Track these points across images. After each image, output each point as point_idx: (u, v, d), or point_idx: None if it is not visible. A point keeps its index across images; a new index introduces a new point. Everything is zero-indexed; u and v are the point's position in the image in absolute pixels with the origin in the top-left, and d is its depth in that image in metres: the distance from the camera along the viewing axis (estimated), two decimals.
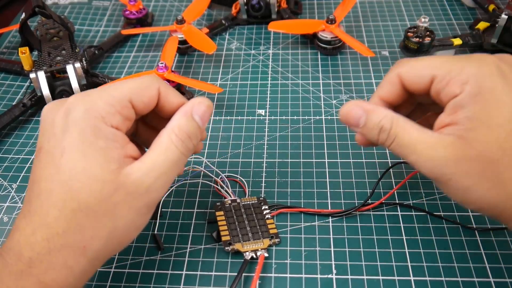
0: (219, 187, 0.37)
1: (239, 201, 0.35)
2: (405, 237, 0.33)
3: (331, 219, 0.34)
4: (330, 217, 0.35)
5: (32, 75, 0.43)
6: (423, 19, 0.46)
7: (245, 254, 0.32)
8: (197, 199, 0.37)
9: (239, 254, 0.32)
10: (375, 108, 0.28)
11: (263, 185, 0.37)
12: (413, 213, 0.34)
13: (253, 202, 0.35)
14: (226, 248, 0.32)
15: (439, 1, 0.58)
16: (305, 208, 0.35)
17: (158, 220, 0.35)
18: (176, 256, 0.33)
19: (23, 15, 0.46)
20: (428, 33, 0.47)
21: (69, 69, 0.44)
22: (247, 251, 0.32)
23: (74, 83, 0.44)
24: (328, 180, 0.37)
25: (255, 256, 0.32)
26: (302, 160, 0.39)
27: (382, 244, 0.33)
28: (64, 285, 0.25)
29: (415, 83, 0.28)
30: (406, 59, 0.29)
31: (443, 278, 0.30)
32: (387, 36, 0.53)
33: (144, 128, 0.32)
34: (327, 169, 0.38)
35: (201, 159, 0.39)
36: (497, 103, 0.25)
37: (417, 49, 0.47)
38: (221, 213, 0.34)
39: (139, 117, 0.29)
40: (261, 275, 0.31)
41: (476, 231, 0.33)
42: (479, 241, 0.32)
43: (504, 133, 0.24)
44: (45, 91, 0.43)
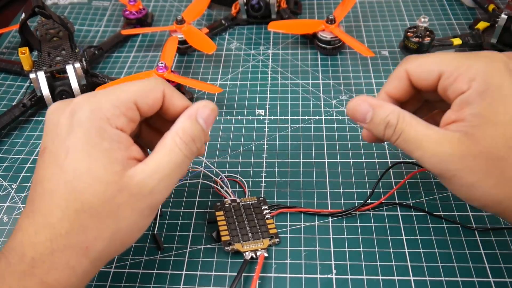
0: (219, 187, 0.37)
1: (239, 201, 0.35)
2: (405, 237, 0.33)
3: (331, 219, 0.35)
4: (330, 217, 0.35)
5: (32, 75, 0.43)
6: (423, 19, 0.46)
7: (245, 254, 0.32)
8: (197, 199, 0.37)
9: (239, 254, 0.32)
10: (382, 103, 0.28)
11: (263, 185, 0.37)
12: (413, 213, 0.34)
13: (253, 202, 0.35)
14: (226, 248, 0.32)
15: (439, 1, 0.58)
16: (305, 208, 0.35)
17: (158, 220, 0.35)
18: (176, 256, 0.33)
19: (23, 15, 0.46)
20: (428, 33, 0.47)
21: (69, 69, 0.44)
22: (247, 251, 0.32)
23: (74, 83, 0.44)
24: (328, 180, 0.37)
25: (255, 256, 0.32)
26: (302, 160, 0.39)
27: (382, 244, 0.33)
28: (66, 285, 0.25)
29: (423, 79, 0.28)
30: (414, 56, 0.29)
31: (443, 278, 0.30)
32: (387, 36, 0.53)
33: (148, 130, 0.32)
34: (327, 169, 0.38)
35: (201, 159, 0.39)
36: (504, 100, 0.25)
37: (417, 49, 0.47)
38: (221, 213, 0.34)
39: (143, 119, 0.29)
40: (261, 275, 0.31)
41: (476, 231, 0.33)
42: (479, 241, 0.32)
43: (510, 131, 0.24)
44: (45, 91, 0.43)
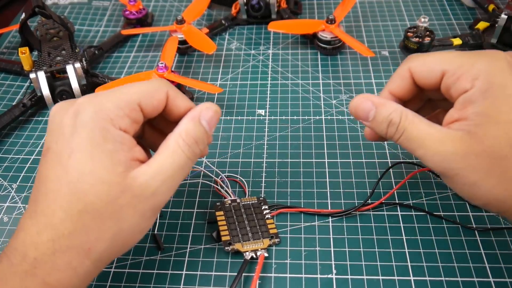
0: (219, 187, 0.37)
1: (239, 201, 0.35)
2: (405, 237, 0.33)
3: (331, 219, 0.35)
4: (330, 217, 0.35)
5: (32, 75, 0.43)
6: (423, 19, 0.46)
7: (245, 254, 0.32)
8: (197, 199, 0.37)
9: (239, 254, 0.32)
10: (385, 102, 0.28)
11: (263, 185, 0.37)
12: (413, 213, 0.34)
13: (253, 202, 0.35)
14: (226, 248, 0.32)
15: (439, 1, 0.58)
16: (305, 208, 0.35)
17: (158, 220, 0.35)
18: (176, 256, 0.33)
19: (23, 15, 0.46)
20: (428, 33, 0.47)
21: (69, 69, 0.44)
22: (247, 251, 0.32)
23: (74, 83, 0.44)
24: (328, 180, 0.37)
25: (255, 256, 0.32)
26: (302, 160, 0.39)
27: (382, 244, 0.33)
28: (68, 286, 0.25)
29: (426, 78, 0.28)
30: (417, 54, 0.29)
31: (443, 278, 0.30)
32: (387, 36, 0.53)
33: (151, 131, 0.32)
34: (327, 169, 0.38)
35: (201, 159, 0.39)
36: (507, 99, 0.25)
37: (417, 49, 0.47)
38: (221, 213, 0.34)
39: (147, 120, 0.29)
40: (261, 275, 0.31)
41: (476, 231, 0.33)
42: (479, 241, 0.32)
43: None
44: (45, 91, 0.43)
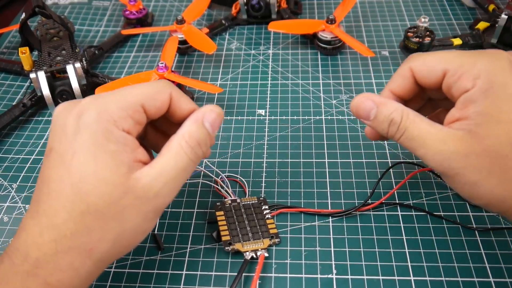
0: (219, 187, 0.37)
1: (239, 201, 0.35)
2: (405, 237, 0.33)
3: (331, 219, 0.34)
4: (330, 217, 0.35)
5: (32, 75, 0.43)
6: (423, 19, 0.46)
7: (245, 254, 0.32)
8: (197, 199, 0.37)
9: (239, 254, 0.32)
10: (386, 101, 0.28)
11: (263, 185, 0.37)
12: (413, 213, 0.34)
13: (253, 202, 0.35)
14: (226, 248, 0.32)
15: (439, 1, 0.58)
16: (305, 208, 0.35)
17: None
18: (176, 256, 0.33)
19: (23, 15, 0.46)
20: (428, 33, 0.47)
21: (69, 69, 0.44)
22: (247, 251, 0.32)
23: (74, 83, 0.44)
24: (328, 180, 0.37)
25: (255, 256, 0.32)
26: (302, 160, 0.39)
27: (382, 244, 0.33)
28: (69, 286, 0.25)
29: (427, 77, 0.28)
30: (418, 53, 0.29)
31: (443, 278, 0.30)
32: (387, 36, 0.53)
33: (153, 132, 0.32)
34: (327, 169, 0.38)
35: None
36: (508, 98, 0.25)
37: (417, 49, 0.47)
38: (221, 213, 0.34)
39: (149, 121, 0.29)
40: (261, 275, 0.31)
41: (476, 231, 0.33)
42: (479, 241, 0.32)
43: None
44: (45, 91, 0.43)
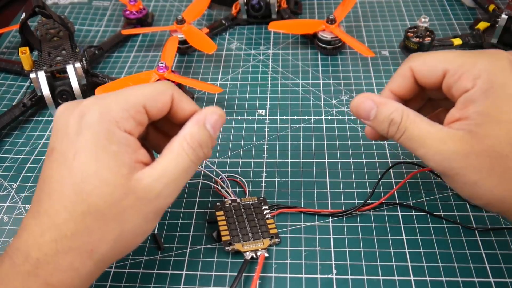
0: (219, 187, 0.37)
1: (239, 201, 0.35)
2: (405, 237, 0.33)
3: (331, 219, 0.34)
4: (330, 217, 0.35)
5: (32, 75, 0.43)
6: (423, 19, 0.46)
7: (245, 254, 0.32)
8: (197, 199, 0.37)
9: (239, 254, 0.32)
10: (386, 101, 0.28)
11: (263, 185, 0.37)
12: (413, 213, 0.34)
13: (253, 202, 0.35)
14: (226, 248, 0.32)
15: (439, 1, 0.58)
16: (305, 208, 0.35)
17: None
18: (176, 256, 0.33)
19: (23, 15, 0.46)
20: (428, 33, 0.47)
21: (69, 69, 0.44)
22: (247, 251, 0.32)
23: (74, 83, 0.44)
24: (328, 180, 0.37)
25: (255, 256, 0.32)
26: (302, 160, 0.39)
27: (382, 244, 0.33)
28: (70, 286, 0.25)
29: (427, 77, 0.28)
30: (418, 53, 0.29)
31: (443, 278, 0.30)
32: (387, 36, 0.53)
33: (155, 133, 0.32)
34: (327, 169, 0.38)
35: None
36: (509, 98, 0.25)
37: (417, 49, 0.47)
38: (221, 213, 0.34)
39: (151, 122, 0.29)
40: (261, 275, 0.31)
41: (476, 231, 0.33)
42: (479, 241, 0.32)
43: None
44: (45, 91, 0.43)
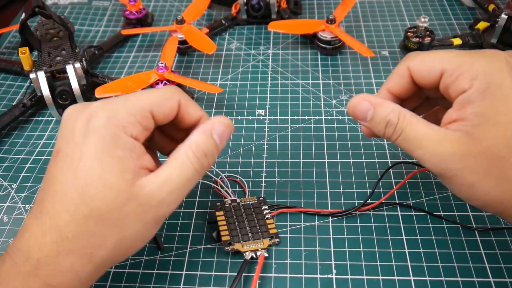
0: (219, 187, 0.37)
1: (239, 201, 0.35)
2: (405, 237, 0.33)
3: (331, 219, 0.34)
4: (330, 217, 0.35)
5: (32, 75, 0.43)
6: (423, 19, 0.46)
7: (245, 254, 0.32)
8: (197, 199, 0.37)
9: (239, 254, 0.32)
10: (383, 102, 0.28)
11: (263, 185, 0.37)
12: (413, 213, 0.34)
13: (253, 202, 0.35)
14: (226, 248, 0.32)
15: (439, 1, 0.58)
16: (305, 208, 0.35)
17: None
18: (176, 256, 0.33)
19: (23, 15, 0.46)
20: (428, 33, 0.47)
21: (69, 69, 0.44)
22: (247, 251, 0.32)
23: (74, 83, 0.44)
24: (328, 180, 0.37)
25: (255, 256, 0.32)
26: (302, 160, 0.39)
27: (382, 244, 0.33)
28: None
29: (425, 77, 0.28)
30: (416, 52, 0.29)
31: (443, 278, 0.30)
32: (387, 36, 0.53)
33: (160, 136, 0.32)
34: (327, 169, 0.38)
35: None
36: (506, 99, 0.25)
37: (417, 49, 0.47)
38: (221, 213, 0.34)
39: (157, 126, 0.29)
40: (261, 275, 0.31)
41: (476, 231, 0.33)
42: (479, 241, 0.32)
43: (511, 130, 0.24)
44: (45, 91, 0.43)
